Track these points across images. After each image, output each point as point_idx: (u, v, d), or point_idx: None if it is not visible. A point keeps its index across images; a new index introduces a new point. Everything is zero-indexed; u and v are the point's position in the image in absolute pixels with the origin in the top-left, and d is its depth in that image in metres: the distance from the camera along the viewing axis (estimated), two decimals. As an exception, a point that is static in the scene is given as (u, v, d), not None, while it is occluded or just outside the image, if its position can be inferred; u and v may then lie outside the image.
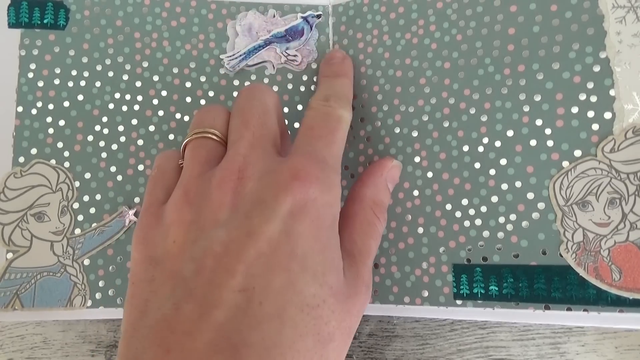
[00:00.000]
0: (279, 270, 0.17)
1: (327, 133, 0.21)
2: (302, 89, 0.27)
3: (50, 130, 0.25)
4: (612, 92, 0.21)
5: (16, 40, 0.26)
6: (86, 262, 0.25)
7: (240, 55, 0.26)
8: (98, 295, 0.24)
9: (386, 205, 0.24)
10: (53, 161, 0.25)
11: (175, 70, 0.26)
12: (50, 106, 0.26)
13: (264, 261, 0.17)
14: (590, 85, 0.22)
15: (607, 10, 0.22)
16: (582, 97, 0.22)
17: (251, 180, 0.19)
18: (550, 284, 0.22)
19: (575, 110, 0.22)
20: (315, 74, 0.27)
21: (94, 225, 0.25)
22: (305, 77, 0.27)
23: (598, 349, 0.24)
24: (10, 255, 0.25)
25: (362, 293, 0.20)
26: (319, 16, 0.27)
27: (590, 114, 0.22)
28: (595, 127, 0.22)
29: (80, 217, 0.25)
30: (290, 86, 0.27)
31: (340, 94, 0.24)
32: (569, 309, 0.21)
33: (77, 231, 0.25)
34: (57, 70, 0.26)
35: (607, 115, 0.21)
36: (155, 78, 0.26)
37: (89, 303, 0.24)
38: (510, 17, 0.24)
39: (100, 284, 0.24)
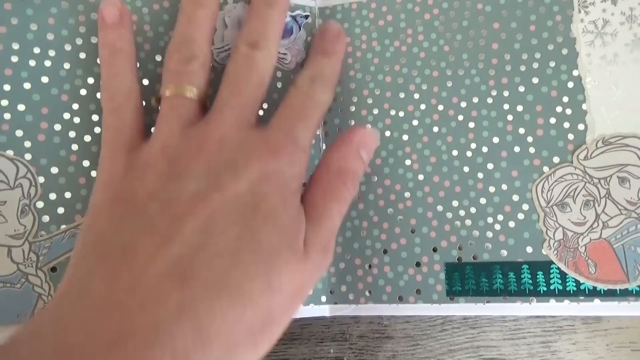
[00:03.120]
0: (240, 220, 0.18)
1: (306, 116, 0.22)
2: (292, 88, 0.26)
3: (7, 116, 0.22)
4: (584, 106, 0.24)
5: (-38, 8, 0.22)
6: (54, 270, 0.21)
7: (230, 49, 0.25)
8: (67, 308, 0.21)
9: (357, 173, 0.23)
10: (10, 152, 0.21)
11: (158, 58, 0.24)
12: (6, 87, 0.22)
13: (227, 210, 0.18)
14: (565, 99, 0.25)
15: (578, 33, 0.25)
16: (559, 109, 0.25)
17: (228, 146, 0.20)
18: (536, 279, 0.24)
19: (553, 121, 0.25)
20: (304, 74, 0.27)
21: (63, 227, 0.21)
22: (293, 77, 0.26)
23: (589, 347, 0.26)
24: (-55, 265, 0.20)
25: (319, 255, 0.20)
26: (307, 17, 0.27)
27: (566, 124, 0.24)
28: (570, 136, 0.24)
29: (45, 218, 0.21)
30: (279, 85, 0.26)
31: (327, 77, 0.24)
32: (552, 301, 0.23)
33: (42, 234, 0.21)
34: (15, 46, 0.22)
35: (581, 126, 0.24)
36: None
37: (56, 318, 0.21)
38: (493, 34, 0.26)
39: (70, 295, 0.21)
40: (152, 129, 0.21)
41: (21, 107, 0.22)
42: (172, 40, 0.22)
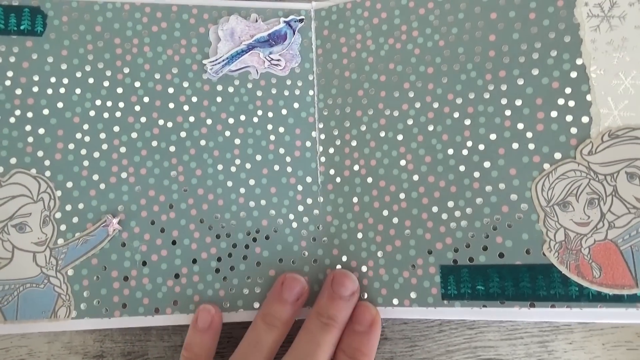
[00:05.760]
0: None
1: None
2: (287, 93, 0.27)
3: (30, 139, 0.25)
4: (588, 97, 0.22)
5: (-9, 47, 0.25)
6: (70, 272, 0.24)
7: (223, 61, 0.26)
8: (83, 306, 0.24)
9: None
10: (33, 170, 0.25)
11: (157, 76, 0.26)
12: (29, 114, 0.25)
13: None
14: (568, 90, 0.23)
15: (582, 19, 0.23)
16: (561, 101, 0.23)
17: None
18: (535, 282, 0.22)
19: (554, 114, 0.23)
20: (300, 79, 0.27)
21: (77, 234, 0.24)
22: (289, 82, 0.27)
23: (586, 346, 0.24)
24: (-12, 268, 0.24)
25: None
26: (301, 20, 0.27)
27: (569, 118, 0.23)
28: (573, 130, 0.23)
29: (62, 227, 0.24)
30: (274, 91, 0.27)
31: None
32: (553, 306, 0.22)
33: (60, 241, 0.24)
34: (36, 78, 0.25)
35: (585, 119, 0.22)
36: (137, 84, 0.26)
37: (74, 314, 0.24)
38: (490, 24, 0.24)
39: (85, 294, 0.24)
40: None
41: (41, 131, 0.25)
42: (233, 355, 0.23)
